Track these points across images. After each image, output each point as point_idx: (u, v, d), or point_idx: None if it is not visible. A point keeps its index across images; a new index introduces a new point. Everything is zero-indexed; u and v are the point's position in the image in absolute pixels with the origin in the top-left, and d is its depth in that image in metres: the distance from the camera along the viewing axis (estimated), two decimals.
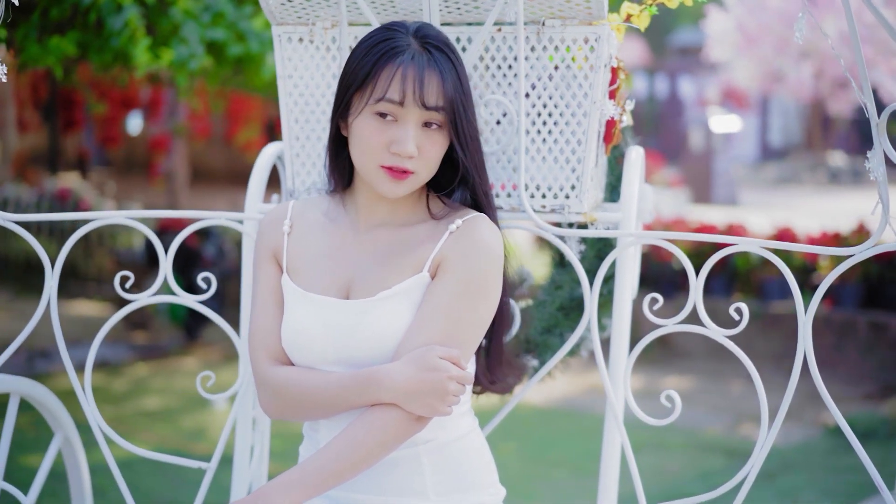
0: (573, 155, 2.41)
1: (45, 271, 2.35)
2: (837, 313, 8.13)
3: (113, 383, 7.56)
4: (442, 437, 2.15)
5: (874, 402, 7.27)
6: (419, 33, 2.09)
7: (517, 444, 6.18)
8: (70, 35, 5.06)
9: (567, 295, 2.95)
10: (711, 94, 24.40)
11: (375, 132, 2.06)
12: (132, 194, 14.13)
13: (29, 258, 11.64)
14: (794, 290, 2.15)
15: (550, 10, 2.35)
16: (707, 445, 6.34)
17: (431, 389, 1.99)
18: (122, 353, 8.54)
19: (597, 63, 2.37)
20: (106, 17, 4.94)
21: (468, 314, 2.07)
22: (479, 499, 2.19)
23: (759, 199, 20.53)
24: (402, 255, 2.13)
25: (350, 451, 2.00)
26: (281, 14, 2.48)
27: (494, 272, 2.11)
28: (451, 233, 2.11)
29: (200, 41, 5.22)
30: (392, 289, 2.09)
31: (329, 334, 2.09)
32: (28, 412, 2.66)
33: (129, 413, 6.74)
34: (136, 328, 9.42)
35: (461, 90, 2.08)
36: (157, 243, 2.46)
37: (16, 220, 2.33)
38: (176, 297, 2.47)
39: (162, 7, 5.20)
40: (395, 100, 2.04)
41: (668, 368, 8.37)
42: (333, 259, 2.17)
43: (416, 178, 2.09)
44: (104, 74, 7.68)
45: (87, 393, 2.43)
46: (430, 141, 2.08)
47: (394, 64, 2.04)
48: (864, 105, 1.97)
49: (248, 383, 2.56)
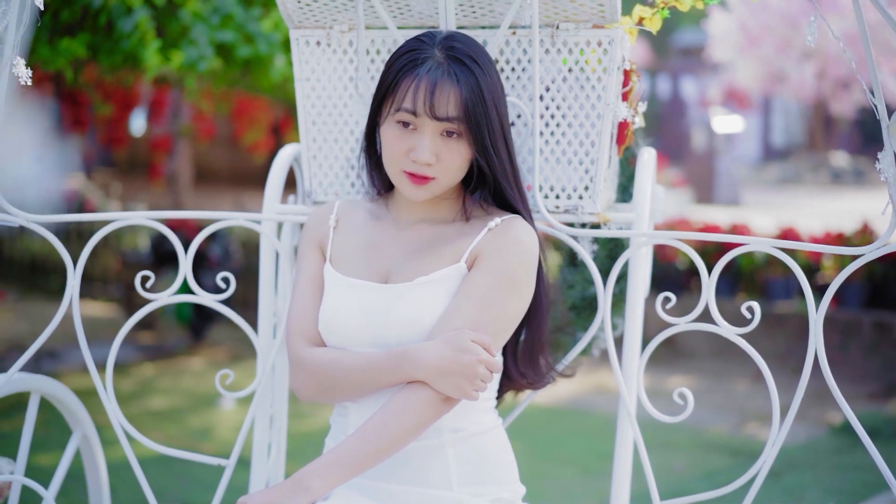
0: (586, 156, 2.45)
1: (68, 272, 2.39)
2: (842, 313, 8.16)
3: (120, 383, 7.59)
4: (468, 429, 2.21)
5: (878, 402, 7.30)
6: (445, 44, 2.15)
7: (524, 444, 6.20)
8: (80, 37, 5.09)
9: (579, 294, 2.99)
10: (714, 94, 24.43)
11: (397, 140, 2.15)
12: (136, 195, 14.14)
13: (34, 259, 11.67)
14: (806, 288, 2.18)
15: (564, 13, 2.39)
16: (712, 445, 6.36)
17: (462, 371, 2.06)
18: (128, 353, 8.58)
19: (610, 65, 2.41)
20: (116, 20, 4.98)
21: (499, 307, 2.14)
22: (500, 492, 2.24)
23: (762, 200, 20.54)
24: (441, 247, 2.22)
25: (383, 432, 2.06)
26: (299, 18, 2.52)
27: (528, 270, 2.19)
28: (490, 229, 2.20)
29: (210, 43, 5.26)
30: (429, 275, 2.17)
31: (365, 316, 2.18)
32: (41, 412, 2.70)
33: (136, 413, 6.77)
34: (143, 329, 9.45)
35: (482, 101, 2.13)
36: (177, 245, 2.50)
37: (38, 222, 2.37)
38: (196, 296, 2.51)
39: (171, 9, 5.23)
40: (409, 109, 2.12)
41: (674, 368, 8.40)
42: (375, 250, 2.27)
43: (436, 183, 2.17)
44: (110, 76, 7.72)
45: (108, 390, 2.47)
46: (448, 149, 2.15)
47: (411, 75, 2.12)
48: (875, 107, 2.00)
49: (265, 382, 2.60)
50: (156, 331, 9.47)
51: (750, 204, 19.31)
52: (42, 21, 4.92)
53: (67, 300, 2.39)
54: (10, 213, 2.30)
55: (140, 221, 2.47)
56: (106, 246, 11.06)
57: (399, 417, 2.06)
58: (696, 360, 8.60)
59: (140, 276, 2.49)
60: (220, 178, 19.66)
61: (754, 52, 17.94)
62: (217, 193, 16.86)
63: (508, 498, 2.25)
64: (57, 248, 2.38)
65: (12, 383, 2.46)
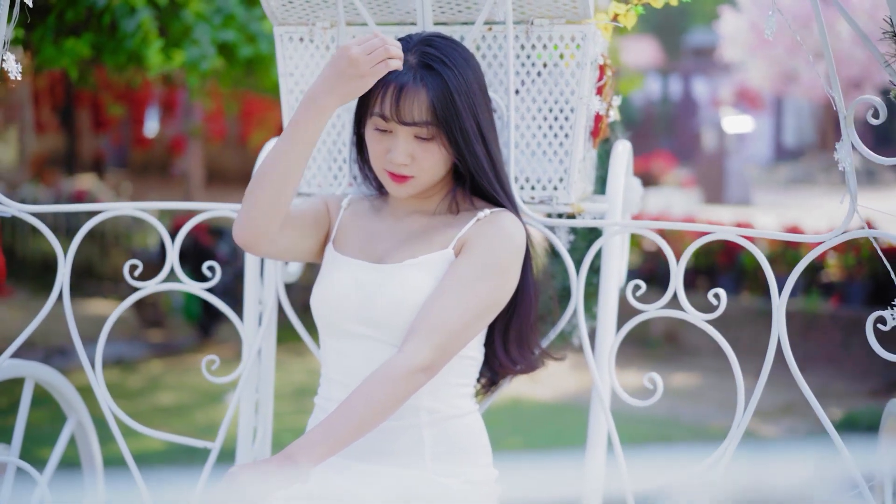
0: (561, 148, 2.52)
1: (59, 262, 2.47)
2: (844, 311, 8.19)
3: (128, 379, 7.69)
4: (444, 411, 2.30)
5: (880, 398, 7.34)
6: (419, 48, 2.24)
7: (524, 439, 6.27)
8: (85, 37, 5.17)
9: (559, 284, 3.05)
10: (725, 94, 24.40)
11: (376, 142, 2.27)
12: (148, 195, 14.23)
13: (46, 258, 11.77)
14: (769, 273, 2.26)
15: (539, 9, 2.46)
16: (713, 439, 6.41)
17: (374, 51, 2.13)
18: (137, 350, 8.67)
19: (583, 60, 2.48)
20: (119, 20, 5.06)
21: (482, 291, 2.23)
22: (472, 474, 2.31)
23: (773, 200, 20.50)
24: (431, 235, 2.32)
25: (366, 405, 2.13)
26: (282, 15, 2.60)
27: (513, 259, 2.28)
28: (479, 220, 2.30)
29: (212, 43, 5.34)
30: (418, 258, 2.27)
31: (357, 293, 2.28)
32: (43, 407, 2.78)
33: (143, 408, 6.86)
34: (152, 326, 9.54)
35: (452, 104, 2.21)
36: (164, 233, 2.58)
37: (31, 212, 2.45)
38: (183, 284, 2.60)
39: (174, 9, 5.31)
40: (380, 115, 2.23)
41: (676, 365, 8.44)
42: (372, 237, 2.37)
43: (416, 181, 2.28)
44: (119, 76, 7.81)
45: (97, 375, 2.55)
46: (423, 150, 2.24)
47: (382, 81, 2.21)
48: (833, 99, 2.07)
49: (250, 368, 2.68)
50: (165, 329, 9.56)
51: (761, 204, 19.29)
52: (47, 21, 5.01)
53: (57, 290, 2.47)
54: (2, 203, 2.39)
55: (128, 212, 2.55)
56: (117, 245, 11.17)
57: (380, 389, 2.13)
58: (699, 357, 8.64)
59: (129, 265, 2.57)
60: (230, 179, 19.73)
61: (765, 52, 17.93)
62: (228, 193, 16.95)
63: (480, 480, 2.32)
64: (48, 238, 2.46)
65: (7, 369, 2.54)
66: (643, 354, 8.57)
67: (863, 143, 2.11)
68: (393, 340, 2.25)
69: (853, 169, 2.11)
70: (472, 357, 2.35)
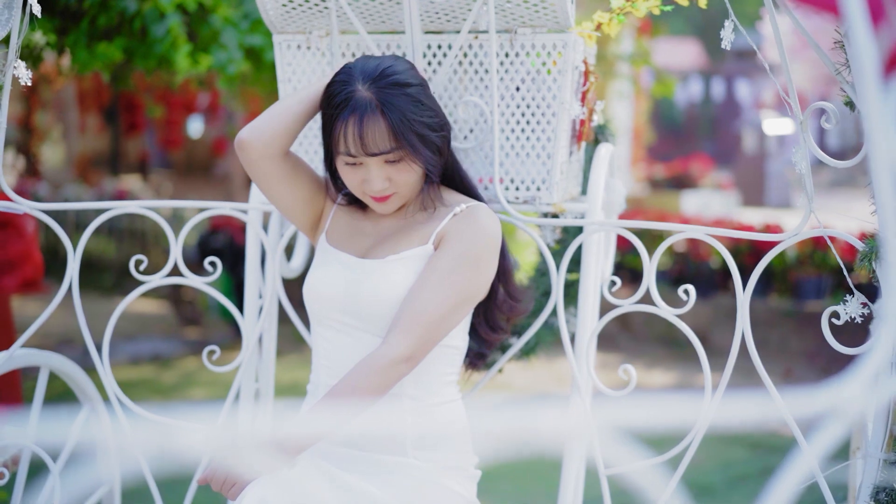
0: (543, 151, 2.64)
1: (68, 256, 2.63)
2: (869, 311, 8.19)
3: (163, 375, 7.88)
4: (427, 399, 2.43)
5: None
6: (368, 78, 2.34)
7: None
8: (117, 41, 5.35)
9: (550, 281, 3.17)
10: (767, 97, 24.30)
11: (350, 175, 2.39)
12: (189, 195, 14.49)
13: (88, 257, 12.02)
14: (733, 270, 2.37)
15: (522, 19, 2.58)
16: (732, 437, 6.48)
17: None
18: (174, 347, 8.86)
19: (564, 67, 2.60)
20: (150, 25, 5.23)
21: (461, 281, 2.35)
22: (451, 460, 2.43)
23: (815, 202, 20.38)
24: (411, 232, 2.44)
25: (351, 394, 2.24)
26: (281, 24, 2.74)
27: (489, 251, 2.40)
28: (455, 214, 2.42)
29: (239, 47, 5.49)
30: (399, 254, 2.40)
31: (343, 286, 2.41)
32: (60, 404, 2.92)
33: (175, 403, 7.03)
34: (190, 324, 9.74)
35: (410, 125, 2.32)
36: (166, 228, 2.74)
37: (41, 209, 2.61)
38: (185, 279, 2.75)
39: (202, 14, 5.48)
40: (347, 153, 2.34)
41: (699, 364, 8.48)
42: (359, 232, 2.51)
43: (399, 196, 2.41)
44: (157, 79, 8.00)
45: (104, 361, 2.70)
46: (397, 171, 2.37)
47: (340, 120, 2.33)
48: (788, 105, 2.18)
49: (250, 357, 2.82)
50: (202, 326, 9.75)
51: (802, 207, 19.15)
52: (80, 26, 5.19)
53: (67, 284, 2.62)
54: (14, 200, 2.54)
55: (135, 210, 2.71)
56: (157, 245, 11.39)
57: (364, 380, 2.25)
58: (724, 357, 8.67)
59: (134, 260, 2.72)
60: None
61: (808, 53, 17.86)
62: None
63: (459, 465, 2.45)
64: (58, 234, 2.62)
65: (22, 358, 2.70)
66: (672, 355, 8.63)
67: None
68: (377, 331, 2.39)
69: (809, 172, 2.22)
70: (456, 346, 2.48)
